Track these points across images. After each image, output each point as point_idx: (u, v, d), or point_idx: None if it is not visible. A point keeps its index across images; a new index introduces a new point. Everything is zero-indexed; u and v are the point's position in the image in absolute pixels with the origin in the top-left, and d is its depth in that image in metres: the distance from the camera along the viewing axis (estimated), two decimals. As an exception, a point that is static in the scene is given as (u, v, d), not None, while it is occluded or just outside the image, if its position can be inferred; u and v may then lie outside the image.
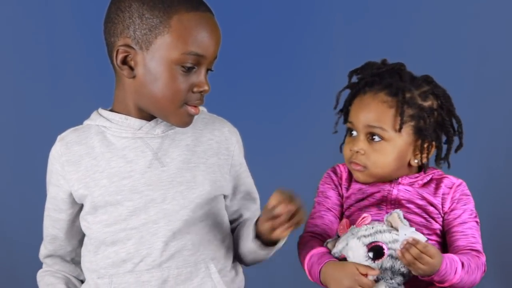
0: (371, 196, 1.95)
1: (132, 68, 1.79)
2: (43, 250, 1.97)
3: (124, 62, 1.79)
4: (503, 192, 3.25)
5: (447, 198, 1.93)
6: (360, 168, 1.94)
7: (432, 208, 1.92)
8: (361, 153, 1.92)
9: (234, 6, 3.11)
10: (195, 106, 1.81)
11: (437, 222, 1.92)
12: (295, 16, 3.24)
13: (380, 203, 1.94)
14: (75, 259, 1.96)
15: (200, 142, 1.87)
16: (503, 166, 3.25)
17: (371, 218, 1.85)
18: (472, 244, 1.89)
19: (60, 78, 3.16)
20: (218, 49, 1.81)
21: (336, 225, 1.95)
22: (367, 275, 1.78)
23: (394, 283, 1.81)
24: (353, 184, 1.98)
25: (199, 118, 1.87)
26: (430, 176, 1.96)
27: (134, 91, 1.81)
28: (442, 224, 1.93)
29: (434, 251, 1.76)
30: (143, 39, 1.76)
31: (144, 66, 1.78)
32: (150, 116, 1.84)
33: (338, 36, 3.23)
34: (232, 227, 1.95)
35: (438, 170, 1.98)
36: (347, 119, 1.97)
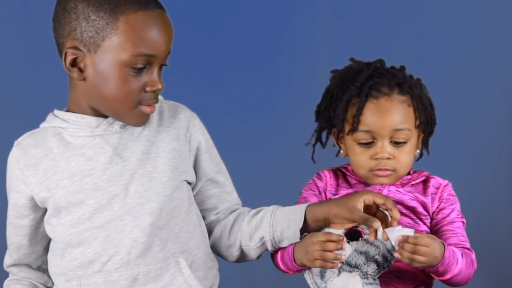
0: None
1: (82, 70, 1.76)
2: (7, 259, 1.93)
3: (74, 64, 1.76)
4: (488, 194, 3.26)
5: (435, 198, 1.94)
6: (389, 173, 1.92)
7: (422, 209, 1.92)
8: (390, 158, 1.91)
9: (215, 3, 3.04)
10: (150, 105, 1.79)
11: (424, 224, 1.92)
12: (276, 15, 3.21)
13: None
14: (42, 267, 1.92)
15: (159, 132, 1.85)
16: (489, 168, 3.25)
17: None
18: (462, 242, 1.90)
19: (17, 80, 3.11)
20: (170, 45, 1.78)
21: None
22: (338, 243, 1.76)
23: (367, 272, 1.79)
24: (340, 190, 1.97)
25: (156, 106, 1.83)
26: (424, 177, 1.96)
27: (86, 93, 1.78)
28: (430, 225, 1.93)
29: (427, 239, 1.75)
30: (90, 42, 1.73)
31: (94, 69, 1.75)
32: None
33: (321, 34, 3.22)
34: (212, 220, 1.93)
35: (425, 172, 1.99)
36: (353, 129, 1.91)
